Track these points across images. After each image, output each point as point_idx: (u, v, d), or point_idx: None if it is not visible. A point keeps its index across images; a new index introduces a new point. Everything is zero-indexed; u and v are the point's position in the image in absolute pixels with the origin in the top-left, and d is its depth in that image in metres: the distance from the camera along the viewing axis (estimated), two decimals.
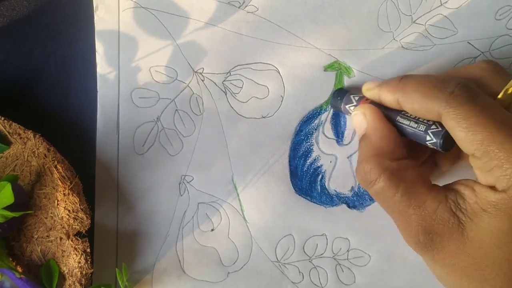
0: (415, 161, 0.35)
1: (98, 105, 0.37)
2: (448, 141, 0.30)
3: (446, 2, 0.37)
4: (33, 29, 0.38)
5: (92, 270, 0.35)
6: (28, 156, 0.35)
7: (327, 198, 0.38)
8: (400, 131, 0.32)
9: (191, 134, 0.38)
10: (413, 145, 0.34)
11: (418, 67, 0.37)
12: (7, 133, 0.35)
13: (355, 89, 0.37)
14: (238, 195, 0.38)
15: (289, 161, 0.38)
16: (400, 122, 0.32)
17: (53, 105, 0.38)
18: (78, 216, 0.35)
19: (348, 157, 0.38)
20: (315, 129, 0.38)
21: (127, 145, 0.38)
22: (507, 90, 0.30)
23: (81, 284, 0.35)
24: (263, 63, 0.37)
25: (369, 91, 0.34)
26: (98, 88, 0.37)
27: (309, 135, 0.38)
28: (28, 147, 0.35)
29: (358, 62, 0.37)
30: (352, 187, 0.38)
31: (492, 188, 0.28)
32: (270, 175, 0.38)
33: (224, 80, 0.38)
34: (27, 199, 0.35)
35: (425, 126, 0.31)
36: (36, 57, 0.38)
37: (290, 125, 0.38)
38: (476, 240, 0.28)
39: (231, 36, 0.37)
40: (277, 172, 0.38)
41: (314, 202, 0.38)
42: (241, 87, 0.38)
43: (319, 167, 0.38)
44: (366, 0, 0.37)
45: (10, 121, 0.35)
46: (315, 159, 0.38)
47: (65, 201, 0.34)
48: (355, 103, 0.35)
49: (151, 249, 0.38)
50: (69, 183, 0.34)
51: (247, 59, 0.37)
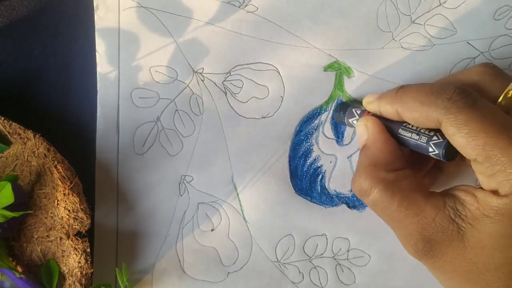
0: (419, 170, 0.35)
1: (98, 105, 0.37)
2: (450, 151, 0.30)
3: (445, 2, 0.37)
4: (33, 29, 0.38)
5: (92, 270, 0.35)
6: (28, 156, 0.35)
7: (327, 198, 0.38)
8: (402, 144, 0.32)
9: (191, 134, 0.38)
10: (417, 154, 0.34)
11: (417, 67, 0.37)
12: (7, 133, 0.35)
13: (357, 102, 0.37)
14: (238, 195, 0.38)
15: (289, 161, 0.38)
16: (402, 135, 0.32)
17: (53, 105, 0.38)
18: (78, 216, 0.35)
19: (348, 157, 0.38)
20: (315, 129, 0.38)
21: (127, 145, 0.38)
22: (507, 93, 0.29)
23: (81, 284, 0.35)
24: (263, 63, 0.37)
25: (369, 104, 0.34)
26: (98, 88, 0.37)
27: (309, 135, 0.38)
28: (28, 147, 0.35)
29: (358, 62, 0.37)
30: None
31: (495, 193, 0.27)
32: (270, 175, 0.38)
33: (224, 80, 0.38)
34: (27, 199, 0.35)
35: (426, 138, 0.31)
36: (36, 57, 0.38)
37: (290, 125, 0.38)
38: (478, 246, 0.28)
39: (231, 36, 0.37)
40: (277, 172, 0.38)
41: (314, 202, 0.38)
42: (241, 87, 0.38)
43: (319, 167, 0.38)
44: (366, 0, 0.37)
45: (10, 121, 0.35)
46: (315, 159, 0.38)
47: (65, 201, 0.34)
48: (357, 117, 0.35)
49: (151, 249, 0.38)
50: (69, 183, 0.34)
51: (247, 59, 0.37)
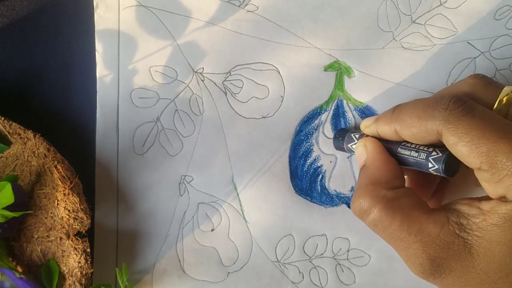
0: (426, 192, 0.35)
1: (97, 105, 0.37)
2: (450, 165, 0.30)
3: (446, 1, 0.37)
4: (33, 29, 0.38)
5: (92, 270, 0.35)
6: (28, 156, 0.35)
7: (327, 198, 0.38)
8: (403, 163, 0.32)
9: (191, 134, 0.38)
10: (421, 176, 0.33)
11: (418, 67, 0.37)
12: (7, 133, 0.35)
13: (355, 127, 0.37)
14: (238, 195, 0.38)
15: (289, 161, 0.38)
16: (402, 154, 0.32)
17: (53, 105, 0.38)
18: (78, 216, 0.34)
19: (348, 157, 0.38)
20: (315, 129, 0.38)
21: (126, 145, 0.38)
22: (501, 100, 0.29)
23: (81, 284, 0.35)
24: (263, 63, 0.37)
25: (367, 128, 0.34)
26: (97, 88, 0.37)
27: (309, 135, 0.38)
28: (28, 147, 0.35)
29: (358, 62, 0.37)
30: (352, 187, 0.38)
31: (502, 199, 0.27)
32: (270, 175, 0.38)
33: (224, 80, 0.38)
34: (27, 199, 0.35)
35: (425, 154, 0.30)
36: (36, 57, 0.38)
37: (290, 125, 0.38)
38: (488, 255, 0.27)
39: (231, 35, 0.37)
40: (277, 172, 0.38)
41: (314, 202, 0.38)
42: (241, 87, 0.38)
43: (319, 167, 0.38)
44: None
45: (10, 121, 0.35)
46: (315, 159, 0.38)
47: (65, 201, 0.34)
48: (356, 141, 0.35)
49: (151, 249, 0.38)
50: (69, 183, 0.34)
51: (247, 59, 0.37)
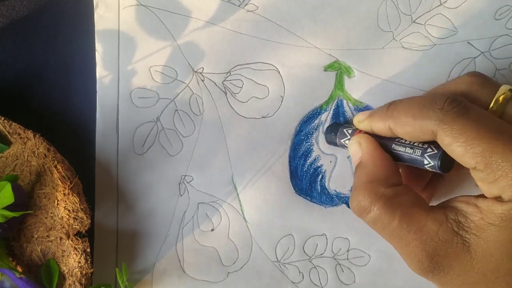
0: (417, 186, 0.35)
1: (97, 105, 0.37)
2: (445, 162, 0.30)
3: (446, 1, 0.37)
4: (33, 29, 0.38)
5: (92, 270, 0.35)
6: (28, 156, 0.35)
7: (327, 198, 0.38)
8: (397, 159, 0.32)
9: (191, 134, 0.38)
10: (413, 170, 0.33)
11: (418, 67, 0.37)
12: (7, 133, 0.35)
13: (348, 122, 0.37)
14: (238, 195, 0.38)
15: (289, 161, 0.38)
16: (396, 150, 0.32)
17: (53, 105, 0.38)
18: (78, 216, 0.35)
19: (348, 157, 0.38)
20: (315, 129, 0.38)
21: (126, 145, 0.38)
22: (497, 99, 0.29)
23: (81, 284, 0.35)
24: (263, 62, 0.37)
25: (360, 123, 0.34)
26: (97, 88, 0.37)
27: (309, 135, 0.38)
28: (28, 147, 0.35)
29: (358, 62, 0.37)
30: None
31: (498, 199, 0.27)
32: (270, 175, 0.38)
33: (224, 80, 0.38)
34: (27, 199, 0.35)
35: (420, 151, 0.30)
36: (36, 57, 0.38)
37: (290, 125, 0.38)
38: (486, 255, 0.27)
39: (231, 35, 0.37)
40: (277, 172, 0.38)
41: (314, 202, 0.38)
42: (241, 87, 0.38)
43: (319, 167, 0.38)
44: None
45: (10, 121, 0.35)
46: (315, 159, 0.38)
47: (65, 201, 0.34)
48: (349, 137, 0.35)
49: (151, 249, 0.38)
50: (69, 183, 0.34)
51: (247, 58, 0.37)
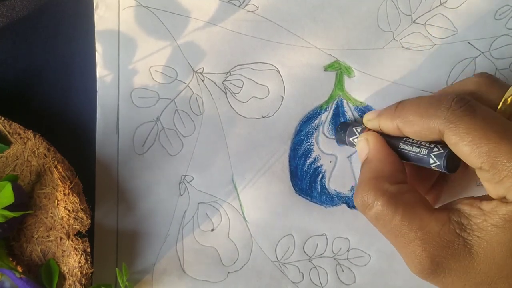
0: (423, 187, 0.35)
1: (97, 105, 0.37)
2: (451, 162, 0.30)
3: (446, 1, 0.37)
4: (33, 29, 0.38)
5: (92, 270, 0.35)
6: (28, 156, 0.35)
7: (327, 198, 0.38)
8: (404, 158, 0.32)
9: (191, 134, 0.38)
10: (420, 170, 0.33)
11: (418, 67, 0.37)
12: (7, 133, 0.35)
13: (357, 121, 0.37)
14: (238, 195, 0.38)
15: (289, 161, 0.38)
16: (403, 149, 0.32)
17: (53, 105, 0.38)
18: (78, 216, 0.34)
19: (348, 157, 0.38)
20: (315, 129, 0.38)
21: (127, 145, 0.38)
22: (506, 100, 0.29)
23: (81, 284, 0.35)
24: (263, 63, 0.37)
25: (369, 122, 0.34)
26: (97, 88, 0.37)
27: (309, 135, 0.38)
28: (28, 147, 0.35)
29: (358, 62, 0.37)
30: (352, 187, 0.38)
31: (503, 200, 0.27)
32: (270, 175, 0.38)
33: (224, 80, 0.38)
34: (27, 199, 0.35)
35: (427, 150, 0.30)
36: (36, 57, 0.38)
37: (290, 125, 0.38)
38: (488, 256, 0.27)
39: (231, 35, 0.37)
40: (277, 172, 0.38)
41: (314, 202, 0.38)
42: (241, 87, 0.38)
43: (319, 167, 0.38)
44: None
45: (10, 121, 0.35)
46: (315, 159, 0.38)
47: (65, 201, 0.34)
48: (358, 135, 0.35)
49: (151, 249, 0.38)
50: (69, 183, 0.34)
51: (247, 58, 0.37)
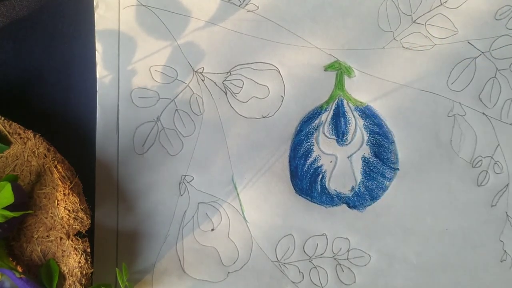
0: None
1: (97, 105, 0.37)
2: None
3: (446, 1, 0.37)
4: (33, 29, 0.38)
5: (92, 270, 0.35)
6: (28, 156, 0.35)
7: (327, 198, 0.38)
8: None
9: (191, 134, 0.38)
10: None
11: (418, 66, 0.37)
12: (7, 133, 0.35)
13: None
14: (238, 195, 0.38)
15: (289, 161, 0.38)
16: None
17: (53, 105, 0.38)
18: (78, 216, 0.34)
19: (348, 157, 0.38)
20: (316, 129, 0.38)
21: (127, 145, 0.38)
22: None
23: (81, 284, 0.35)
24: (264, 62, 0.37)
25: None
26: (97, 88, 0.37)
27: (309, 135, 0.38)
28: (28, 147, 0.35)
29: (358, 61, 0.37)
30: (352, 187, 0.38)
31: None
32: (270, 175, 0.38)
33: (224, 80, 0.38)
34: (27, 199, 0.35)
35: None
36: (36, 57, 0.38)
37: (290, 125, 0.38)
38: None
39: (231, 35, 0.37)
40: (277, 172, 0.38)
41: (314, 202, 0.38)
42: (241, 87, 0.38)
43: (319, 167, 0.38)
44: None
45: (10, 121, 0.35)
46: (315, 159, 0.38)
47: (65, 201, 0.34)
48: None
49: (151, 249, 0.38)
50: (69, 183, 0.34)
51: (247, 58, 0.37)
